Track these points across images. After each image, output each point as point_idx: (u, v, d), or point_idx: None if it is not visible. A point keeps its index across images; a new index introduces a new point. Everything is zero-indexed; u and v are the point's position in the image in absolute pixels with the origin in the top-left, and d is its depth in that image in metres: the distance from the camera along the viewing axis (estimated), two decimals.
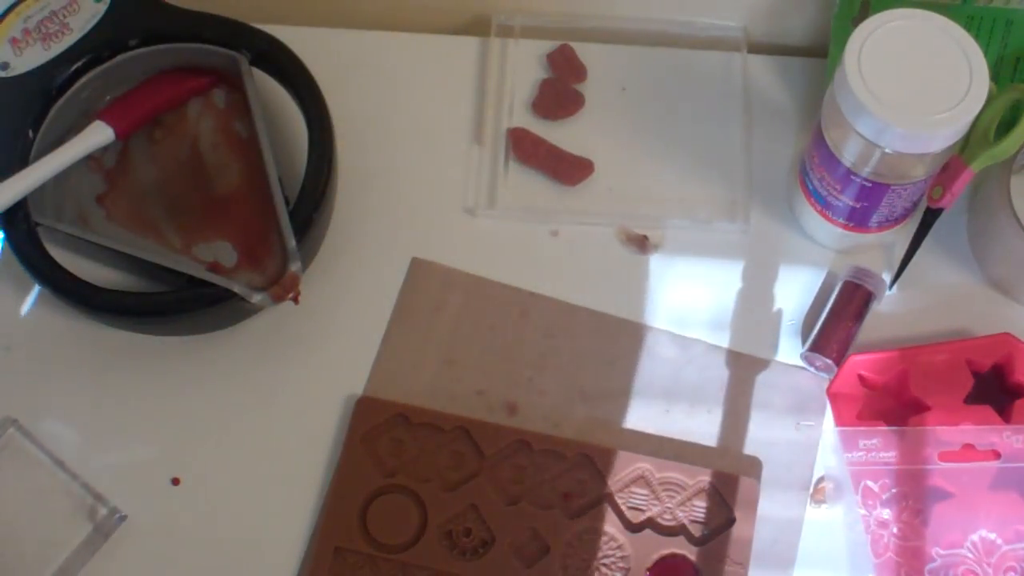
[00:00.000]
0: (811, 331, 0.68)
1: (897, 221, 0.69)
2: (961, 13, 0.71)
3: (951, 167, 0.65)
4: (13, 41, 0.69)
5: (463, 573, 0.63)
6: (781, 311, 0.71)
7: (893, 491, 0.64)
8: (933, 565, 0.62)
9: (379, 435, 0.67)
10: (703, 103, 0.77)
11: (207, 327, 0.69)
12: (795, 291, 0.71)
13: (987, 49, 0.72)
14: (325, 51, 0.73)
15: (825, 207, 0.68)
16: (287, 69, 0.70)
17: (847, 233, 0.69)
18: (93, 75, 0.69)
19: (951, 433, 0.64)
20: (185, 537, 0.65)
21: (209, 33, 0.70)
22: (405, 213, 0.74)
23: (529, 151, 0.75)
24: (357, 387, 0.68)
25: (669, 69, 0.78)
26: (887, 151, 0.61)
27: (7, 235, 0.65)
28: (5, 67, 0.68)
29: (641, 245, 0.72)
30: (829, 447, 0.67)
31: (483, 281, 0.71)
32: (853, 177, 0.64)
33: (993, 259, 0.70)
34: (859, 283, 0.68)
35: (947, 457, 0.64)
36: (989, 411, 0.65)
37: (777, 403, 0.68)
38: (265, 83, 0.70)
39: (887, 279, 0.70)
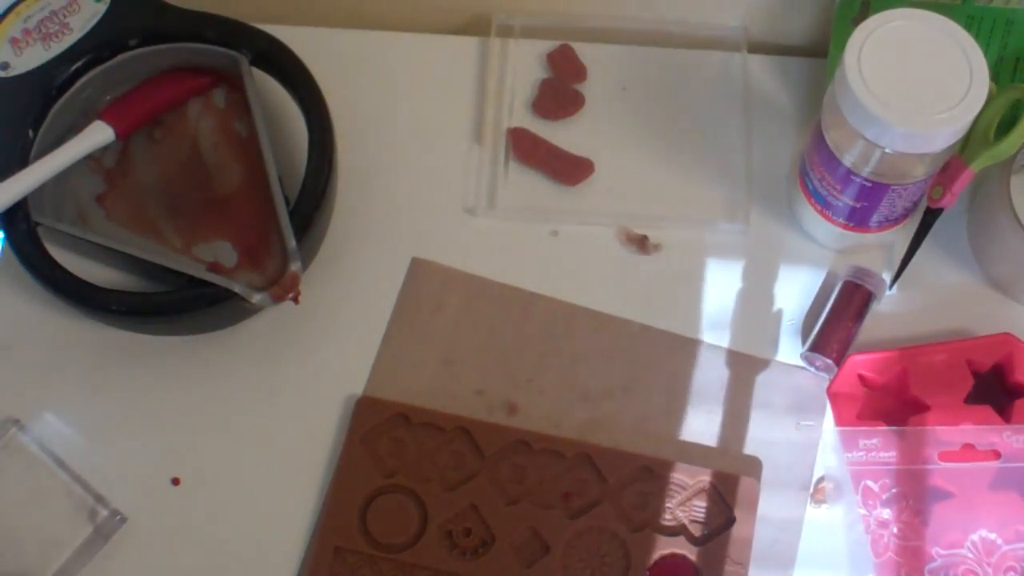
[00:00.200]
0: (811, 331, 0.68)
1: (897, 221, 0.69)
2: (961, 13, 0.71)
3: (951, 167, 0.65)
4: (13, 41, 0.69)
5: (463, 573, 0.63)
6: (781, 311, 0.71)
7: (893, 491, 0.64)
8: (933, 565, 0.62)
9: (379, 435, 0.67)
10: (703, 103, 0.77)
11: (207, 327, 0.69)
12: (795, 291, 0.71)
13: (987, 49, 0.72)
14: (325, 51, 0.73)
15: (825, 207, 0.68)
16: (287, 69, 0.70)
17: (847, 233, 0.69)
18: (93, 75, 0.69)
19: (951, 433, 0.64)
20: (185, 537, 0.65)
21: (209, 33, 0.70)
22: (405, 213, 0.74)
23: (529, 151, 0.75)
24: (357, 387, 0.68)
25: (669, 69, 0.78)
26: (887, 151, 0.61)
27: (7, 235, 0.65)
28: (5, 67, 0.68)
29: (641, 245, 0.72)
30: (829, 447, 0.67)
31: (483, 281, 0.71)
32: (853, 177, 0.64)
33: (993, 259, 0.70)
34: (859, 283, 0.68)
35: (947, 457, 0.64)
36: (989, 411, 0.65)
37: (777, 403, 0.68)
38: (265, 83, 0.70)
39: (887, 279, 0.70)
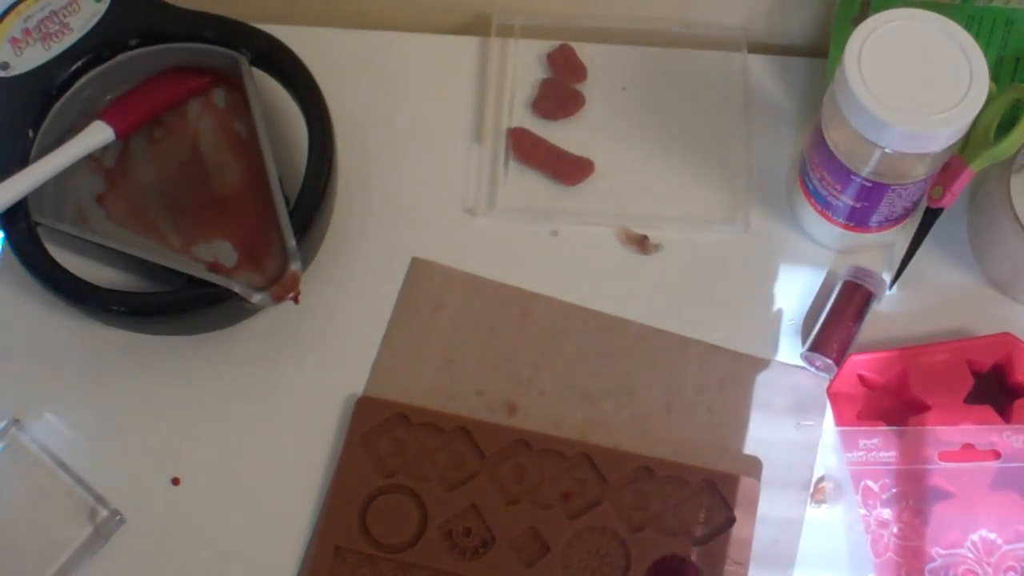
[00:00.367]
0: (811, 331, 0.68)
1: (897, 221, 0.69)
2: (961, 13, 0.71)
3: (951, 167, 0.65)
4: (13, 41, 0.69)
5: (463, 573, 0.63)
6: (781, 311, 0.71)
7: (893, 491, 0.64)
8: (933, 565, 0.62)
9: (379, 435, 0.67)
10: (703, 103, 0.77)
11: (207, 327, 0.69)
12: (795, 291, 0.71)
13: (987, 49, 0.72)
14: (325, 51, 0.73)
15: (825, 207, 0.68)
16: (287, 69, 0.70)
17: (847, 233, 0.69)
18: (93, 75, 0.69)
19: (951, 433, 0.64)
20: (185, 537, 0.65)
21: (209, 33, 0.70)
22: (405, 213, 0.74)
23: (529, 151, 0.75)
24: (357, 387, 0.68)
25: (669, 69, 0.78)
26: (887, 151, 0.61)
27: (7, 235, 0.65)
28: (5, 67, 0.68)
29: (641, 245, 0.72)
30: (829, 447, 0.67)
31: (483, 281, 0.71)
32: (853, 177, 0.64)
33: (993, 259, 0.70)
34: (859, 283, 0.68)
35: (947, 457, 0.64)
36: (989, 411, 0.65)
37: (777, 403, 0.68)
38: (265, 83, 0.70)
39: (887, 279, 0.70)
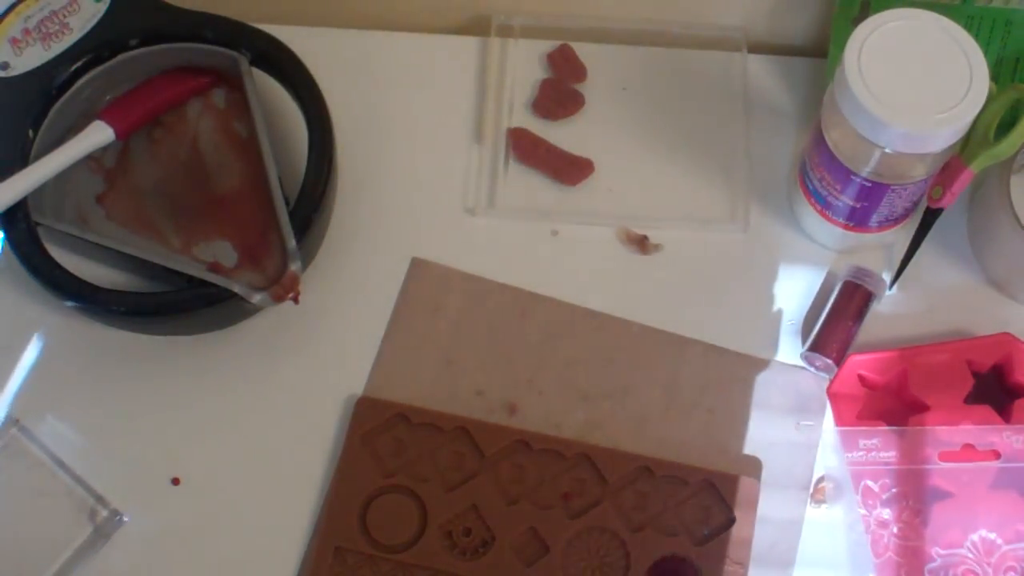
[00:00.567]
0: (811, 331, 0.68)
1: (897, 221, 0.69)
2: (961, 13, 0.71)
3: (951, 167, 0.65)
4: (13, 41, 0.69)
5: (463, 573, 0.63)
6: (781, 311, 0.71)
7: (893, 491, 0.64)
8: (933, 565, 0.62)
9: (379, 435, 0.67)
10: (703, 103, 0.77)
11: (207, 327, 0.69)
12: (795, 291, 0.71)
13: (987, 49, 0.72)
14: (325, 51, 0.73)
15: (825, 207, 0.68)
16: (287, 69, 0.70)
17: (847, 233, 0.69)
18: (93, 75, 0.69)
19: (951, 433, 0.64)
20: (185, 537, 0.65)
21: (209, 33, 0.70)
22: (405, 213, 0.74)
23: (529, 151, 0.75)
24: (357, 387, 0.68)
25: (669, 69, 0.78)
26: (887, 151, 0.61)
27: (7, 235, 0.65)
28: (5, 67, 0.68)
29: (641, 245, 0.72)
30: (829, 447, 0.67)
31: (483, 281, 0.71)
32: (853, 177, 0.64)
33: (993, 259, 0.70)
34: (859, 283, 0.68)
35: (947, 457, 0.64)
36: (989, 411, 0.65)
37: (777, 403, 0.68)
38: (265, 83, 0.70)
39: (887, 279, 0.70)
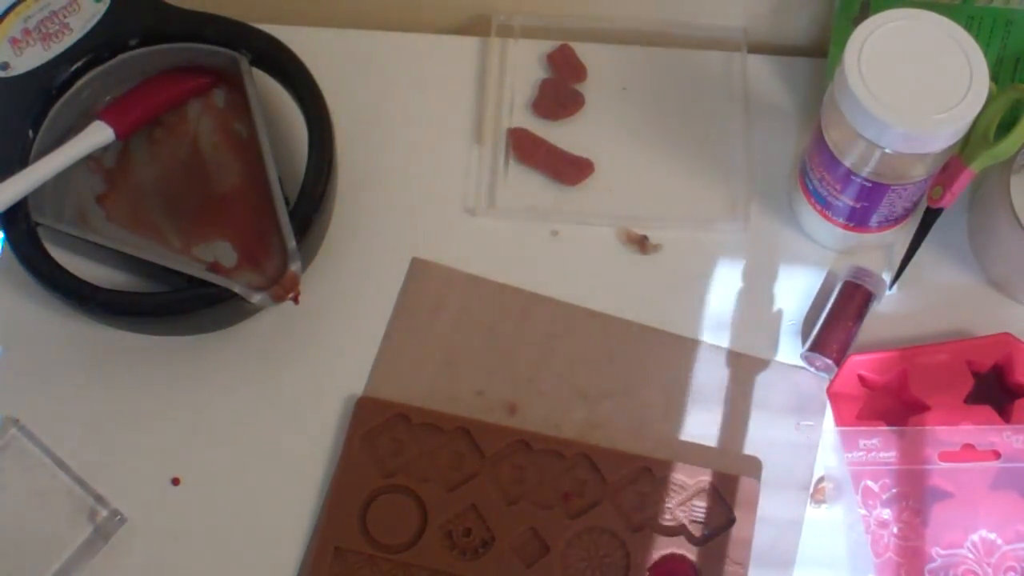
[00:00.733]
0: (811, 331, 0.68)
1: (897, 221, 0.69)
2: (961, 13, 0.71)
3: (951, 167, 0.65)
4: (13, 41, 0.69)
5: (463, 573, 0.63)
6: (781, 311, 0.71)
7: (893, 491, 0.64)
8: (933, 565, 0.62)
9: (379, 435, 0.67)
10: (703, 103, 0.77)
11: (207, 327, 0.69)
12: (795, 291, 0.71)
13: (987, 49, 0.72)
14: (325, 51, 0.73)
15: (825, 207, 0.68)
16: (287, 69, 0.70)
17: (847, 233, 0.69)
18: (93, 75, 0.69)
19: (951, 433, 0.64)
20: (185, 537, 0.65)
21: (209, 33, 0.70)
22: (405, 213, 0.74)
23: (529, 151, 0.75)
24: (357, 387, 0.68)
25: (669, 69, 0.78)
26: (887, 151, 0.61)
27: (7, 235, 0.65)
28: (5, 67, 0.68)
29: (641, 245, 0.72)
30: (829, 447, 0.67)
31: (483, 281, 0.71)
32: (853, 177, 0.64)
33: (993, 259, 0.70)
34: (859, 283, 0.68)
35: (947, 457, 0.64)
36: (989, 411, 0.65)
37: (777, 403, 0.68)
38: (265, 83, 0.70)
39: (887, 279, 0.70)
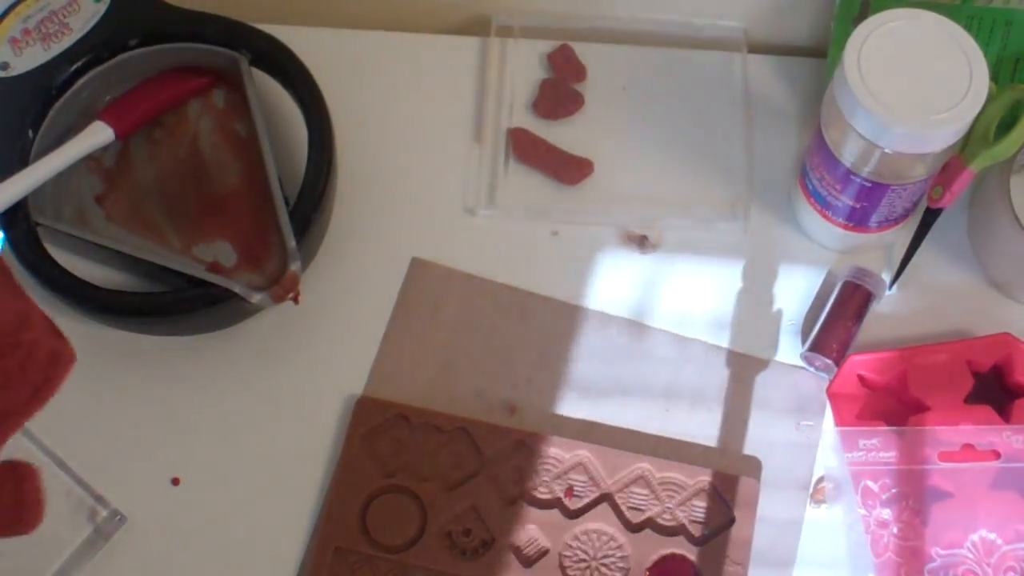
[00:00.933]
0: (811, 331, 0.68)
1: (897, 221, 0.69)
2: (961, 13, 0.71)
3: (951, 167, 0.65)
4: (13, 41, 0.69)
5: (463, 573, 0.63)
6: (781, 311, 0.71)
7: (893, 491, 0.64)
8: (933, 565, 0.62)
9: (379, 435, 0.67)
10: (703, 103, 0.77)
11: (207, 327, 0.69)
12: (795, 291, 0.71)
13: (987, 49, 0.72)
14: (325, 51, 0.73)
15: (825, 207, 0.68)
16: (287, 69, 0.70)
17: (847, 233, 0.69)
18: (93, 75, 0.69)
19: (951, 433, 0.64)
20: (185, 537, 0.65)
21: (209, 33, 0.70)
22: (405, 213, 0.74)
23: (529, 151, 0.75)
24: (357, 387, 0.68)
25: (669, 69, 0.78)
26: (887, 151, 0.61)
27: (7, 235, 0.65)
28: (5, 67, 0.68)
29: (641, 245, 0.72)
30: (829, 447, 0.67)
31: (483, 281, 0.71)
32: (853, 177, 0.64)
33: (993, 259, 0.70)
34: (859, 283, 0.68)
35: (947, 457, 0.64)
36: (989, 411, 0.65)
37: (777, 403, 0.68)
38: (265, 83, 0.70)
39: (887, 279, 0.70)
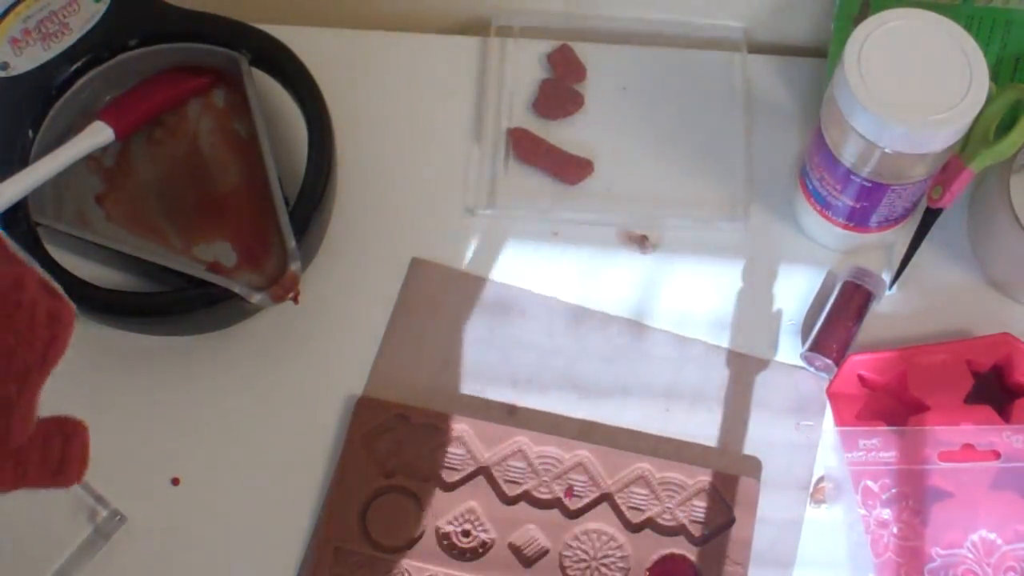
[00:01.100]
0: (811, 331, 0.68)
1: (897, 221, 0.69)
2: (961, 13, 0.71)
3: (951, 167, 0.65)
4: (13, 41, 0.69)
5: (463, 573, 0.63)
6: (781, 311, 0.71)
7: (893, 491, 0.64)
8: (933, 565, 0.62)
9: (379, 435, 0.67)
10: (703, 103, 0.77)
11: (207, 327, 0.69)
12: (795, 291, 0.71)
13: (987, 49, 0.72)
14: (325, 51, 0.73)
15: (825, 207, 0.68)
16: (287, 69, 0.70)
17: (847, 233, 0.69)
18: (93, 75, 0.69)
19: (951, 433, 0.64)
20: (185, 537, 0.65)
21: (209, 33, 0.70)
22: (405, 213, 0.74)
23: (529, 151, 0.75)
24: (357, 387, 0.68)
25: (669, 69, 0.78)
26: (887, 151, 0.61)
27: (7, 235, 0.65)
28: (5, 67, 0.68)
29: (641, 244, 0.72)
30: (829, 447, 0.67)
31: (483, 281, 0.71)
32: (853, 177, 0.64)
33: (993, 259, 0.70)
34: (859, 283, 0.68)
35: (947, 457, 0.64)
36: (989, 411, 0.65)
37: (777, 403, 0.68)
38: (265, 83, 0.70)
39: (887, 279, 0.70)
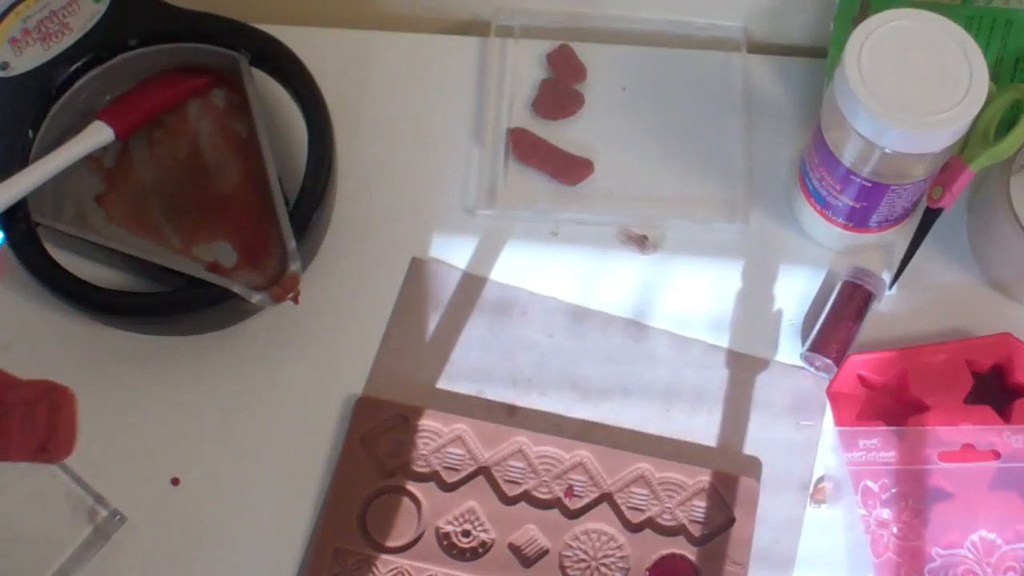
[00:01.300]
0: (811, 331, 0.68)
1: (897, 221, 0.69)
2: (961, 13, 0.71)
3: (951, 167, 0.65)
4: (13, 41, 0.69)
5: (463, 573, 0.63)
6: (781, 311, 0.71)
7: (893, 491, 0.64)
8: (933, 565, 0.62)
9: (379, 435, 0.67)
10: (703, 103, 0.77)
11: (207, 327, 0.69)
12: (795, 291, 0.71)
13: (987, 49, 0.72)
14: (325, 51, 0.73)
15: (825, 207, 0.68)
16: (287, 69, 0.70)
17: (847, 233, 0.69)
18: (93, 75, 0.69)
19: (951, 433, 0.64)
20: (185, 537, 0.65)
21: (209, 33, 0.70)
22: (405, 213, 0.74)
23: (529, 151, 0.75)
24: (357, 387, 0.68)
25: (669, 69, 0.78)
26: (887, 151, 0.61)
27: (7, 235, 0.65)
28: (5, 67, 0.68)
29: (641, 245, 0.72)
30: (829, 447, 0.67)
31: (483, 281, 0.71)
32: (853, 177, 0.64)
33: (993, 259, 0.70)
34: (859, 283, 0.68)
35: (947, 457, 0.64)
36: (989, 411, 0.65)
37: (777, 403, 0.68)
38: (265, 83, 0.70)
39: (887, 279, 0.70)
